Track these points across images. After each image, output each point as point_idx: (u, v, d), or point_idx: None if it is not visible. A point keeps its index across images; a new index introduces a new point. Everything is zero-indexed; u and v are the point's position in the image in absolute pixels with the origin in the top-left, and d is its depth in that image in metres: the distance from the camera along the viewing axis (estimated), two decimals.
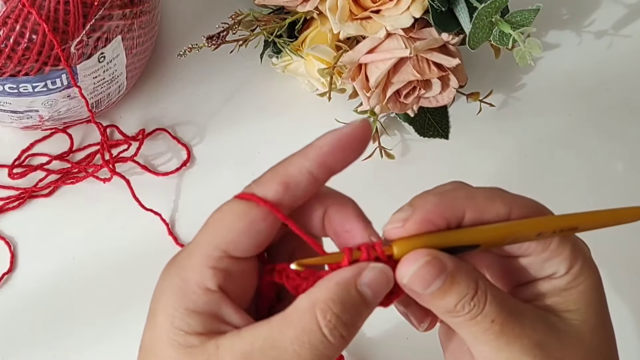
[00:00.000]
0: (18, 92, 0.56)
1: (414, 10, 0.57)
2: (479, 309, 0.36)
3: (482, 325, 0.36)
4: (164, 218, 0.62)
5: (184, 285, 0.36)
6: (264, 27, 0.60)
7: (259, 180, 0.38)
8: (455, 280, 0.36)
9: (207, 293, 0.35)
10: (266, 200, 0.36)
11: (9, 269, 0.60)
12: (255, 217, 0.36)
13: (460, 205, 0.37)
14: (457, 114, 0.65)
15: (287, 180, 0.37)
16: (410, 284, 0.36)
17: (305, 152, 0.38)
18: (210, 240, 0.36)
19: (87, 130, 0.65)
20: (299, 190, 0.37)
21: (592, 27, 0.71)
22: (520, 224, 0.37)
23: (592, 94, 0.69)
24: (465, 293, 0.36)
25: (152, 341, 0.36)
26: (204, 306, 0.35)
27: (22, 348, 0.58)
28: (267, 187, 0.37)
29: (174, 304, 0.35)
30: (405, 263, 0.36)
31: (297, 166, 0.37)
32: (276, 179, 0.37)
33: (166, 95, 0.67)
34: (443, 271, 0.36)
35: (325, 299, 0.34)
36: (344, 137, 0.37)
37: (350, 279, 0.35)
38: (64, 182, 0.63)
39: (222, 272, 0.36)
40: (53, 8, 0.52)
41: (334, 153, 0.37)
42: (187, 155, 0.64)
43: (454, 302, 0.36)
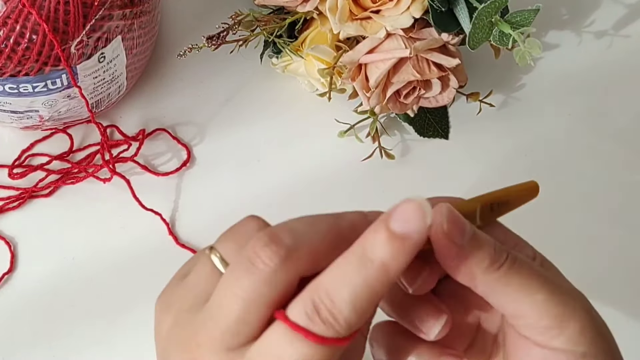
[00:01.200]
0: (18, 92, 0.56)
1: (413, 10, 0.57)
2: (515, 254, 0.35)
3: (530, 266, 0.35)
4: (164, 218, 0.62)
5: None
6: (264, 28, 0.60)
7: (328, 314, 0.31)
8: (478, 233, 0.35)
9: None
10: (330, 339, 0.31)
11: (9, 269, 0.60)
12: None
13: None
14: (457, 114, 0.65)
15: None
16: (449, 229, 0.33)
17: None
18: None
19: (87, 131, 0.65)
20: None
21: (592, 27, 0.71)
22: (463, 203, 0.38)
23: (592, 94, 0.69)
24: (494, 242, 0.35)
25: None
26: None
27: (22, 348, 0.58)
28: None
29: None
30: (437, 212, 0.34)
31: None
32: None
33: (166, 95, 0.67)
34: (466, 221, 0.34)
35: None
36: None
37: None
38: (64, 182, 0.63)
39: None
40: (53, 8, 0.52)
41: None
42: (187, 156, 0.64)
43: (492, 248, 0.34)
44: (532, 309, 0.35)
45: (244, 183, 0.64)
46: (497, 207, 0.38)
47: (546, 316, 0.35)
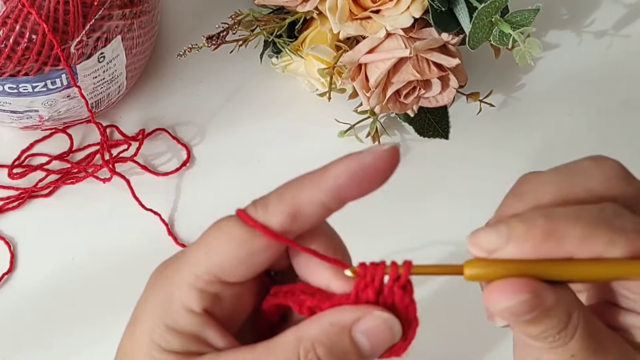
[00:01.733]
0: (18, 92, 0.56)
1: (413, 10, 0.57)
2: (563, 343, 0.33)
3: (560, 357, 0.33)
4: (164, 218, 0.62)
5: (168, 302, 0.33)
6: (264, 27, 0.60)
7: (265, 203, 0.33)
8: (549, 314, 0.32)
9: (190, 314, 0.33)
10: (272, 231, 0.33)
11: (9, 269, 0.60)
12: (256, 248, 0.33)
13: (567, 250, 0.31)
14: (457, 114, 0.65)
15: (296, 210, 0.33)
16: (499, 315, 0.32)
17: (319, 181, 0.33)
18: (202, 261, 0.33)
19: (87, 130, 0.65)
20: (307, 221, 0.33)
21: (592, 27, 0.70)
22: (633, 265, 0.32)
23: (592, 94, 0.69)
24: (554, 327, 0.32)
25: (131, 350, 0.34)
26: (186, 327, 0.33)
27: (22, 348, 0.58)
28: (273, 216, 0.33)
29: (155, 319, 0.33)
30: (498, 294, 0.31)
31: (308, 196, 0.33)
32: (284, 208, 0.33)
33: (166, 95, 0.67)
34: (538, 307, 0.31)
35: (313, 338, 0.31)
36: (365, 167, 0.32)
37: (346, 323, 0.32)
38: (64, 182, 0.63)
39: (211, 295, 0.33)
40: (53, 8, 0.52)
41: (351, 185, 0.33)
42: (187, 155, 0.64)
43: (539, 332, 0.32)
44: None
45: (244, 183, 0.64)
46: None
47: None
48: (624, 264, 0.31)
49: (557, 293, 0.32)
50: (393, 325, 0.32)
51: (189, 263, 0.34)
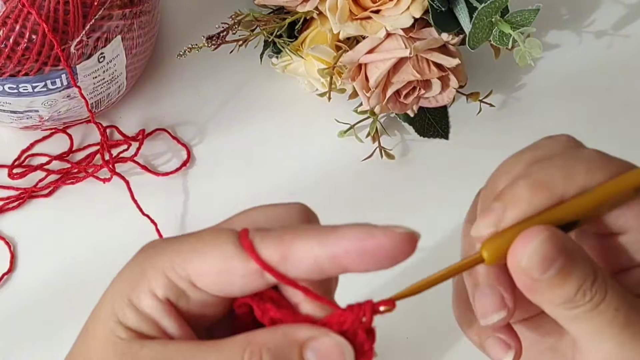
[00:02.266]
0: (18, 92, 0.56)
1: (413, 10, 0.57)
2: (601, 296, 0.32)
3: (606, 316, 0.32)
4: (162, 221, 0.61)
5: (138, 279, 0.33)
6: (264, 27, 0.60)
7: (265, 234, 0.32)
8: (575, 262, 0.32)
9: (152, 298, 0.33)
10: (260, 257, 0.31)
11: (8, 269, 0.60)
12: (235, 268, 0.32)
13: (558, 191, 0.33)
14: (457, 114, 0.65)
15: (288, 255, 0.31)
16: (529, 266, 0.32)
17: (324, 238, 0.31)
18: (185, 257, 0.32)
19: (87, 131, 0.65)
20: (294, 269, 0.31)
21: (592, 27, 0.70)
22: (615, 182, 0.33)
23: (592, 94, 0.69)
24: (587, 277, 0.32)
25: (95, 313, 0.35)
26: (145, 308, 0.33)
27: (22, 348, 0.58)
28: (267, 247, 0.32)
29: (122, 290, 0.34)
30: (522, 241, 0.32)
31: (306, 246, 0.31)
32: (278, 246, 0.31)
33: (166, 95, 0.67)
34: (564, 250, 0.32)
35: (262, 343, 0.31)
36: (376, 246, 0.30)
37: (300, 338, 0.31)
38: (64, 183, 0.63)
39: (178, 290, 0.33)
40: (53, 8, 0.52)
41: (355, 257, 0.31)
42: (187, 156, 0.64)
43: (574, 288, 0.32)
44: (598, 355, 0.34)
45: (244, 182, 0.64)
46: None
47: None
48: (609, 185, 0.33)
49: (574, 242, 0.32)
50: (346, 353, 0.31)
51: (173, 251, 0.33)
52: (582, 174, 0.33)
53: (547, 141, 0.37)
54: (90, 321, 0.35)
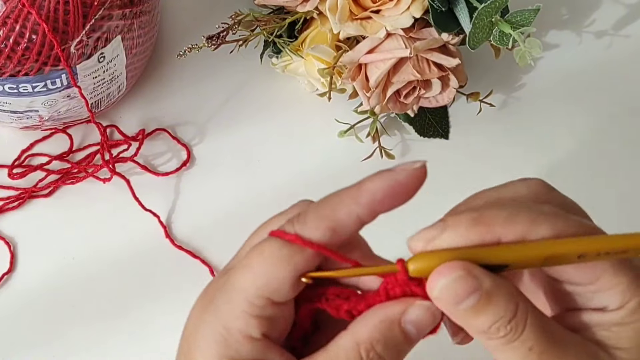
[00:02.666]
0: (18, 92, 0.56)
1: (414, 10, 0.57)
2: (516, 334, 0.34)
3: (519, 352, 0.34)
4: (164, 218, 0.62)
5: (227, 334, 0.34)
6: (264, 27, 0.60)
7: (303, 219, 0.35)
8: (492, 299, 0.33)
9: (251, 342, 0.34)
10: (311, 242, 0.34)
11: (8, 269, 0.60)
12: (301, 264, 0.34)
13: (496, 230, 0.34)
14: (457, 114, 0.65)
15: (335, 225, 0.35)
16: (440, 297, 0.33)
17: (357, 197, 0.35)
18: (251, 286, 0.34)
19: (87, 131, 0.65)
20: (345, 234, 0.35)
21: (592, 27, 0.70)
22: (559, 243, 0.33)
23: (592, 94, 0.69)
24: (502, 315, 0.33)
25: None
26: (249, 355, 0.34)
27: (22, 348, 0.58)
28: (313, 230, 0.34)
29: (214, 353, 0.34)
30: (437, 274, 0.33)
31: (346, 211, 0.35)
32: (323, 223, 0.35)
33: (166, 95, 0.67)
34: (477, 289, 0.33)
35: (370, 338, 0.34)
36: (398, 184, 0.35)
37: (395, 317, 0.34)
38: (64, 182, 0.63)
39: (266, 319, 0.34)
40: (53, 8, 0.52)
41: (385, 200, 0.35)
42: (187, 156, 0.64)
43: (488, 324, 0.33)
44: None
45: (244, 183, 0.64)
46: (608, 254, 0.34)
47: None
48: (549, 244, 0.33)
49: (496, 279, 0.34)
50: (434, 311, 0.34)
51: (239, 290, 0.34)
52: (524, 223, 0.34)
53: (517, 182, 0.38)
54: None
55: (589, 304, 0.36)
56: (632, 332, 0.35)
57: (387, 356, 0.34)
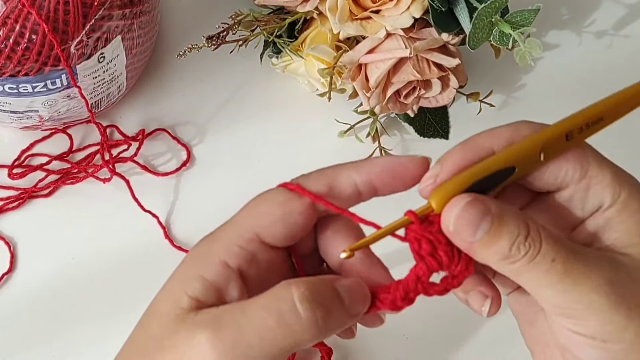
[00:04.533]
0: (18, 93, 0.56)
1: (414, 10, 0.57)
2: (536, 249, 0.35)
3: (543, 267, 0.35)
4: (163, 219, 0.62)
5: (207, 254, 0.37)
6: (264, 27, 0.60)
7: (307, 175, 0.39)
8: (503, 220, 0.35)
9: (223, 267, 0.36)
10: (310, 191, 0.37)
11: (8, 269, 0.60)
12: (294, 208, 0.37)
13: (486, 143, 0.37)
14: (457, 114, 0.65)
15: (333, 183, 0.38)
16: (456, 230, 0.35)
17: (358, 166, 0.38)
18: (245, 221, 0.37)
19: (87, 131, 0.65)
20: (340, 196, 0.38)
21: (592, 28, 0.70)
22: (547, 131, 0.36)
23: (592, 94, 0.68)
24: (517, 233, 0.35)
25: (160, 294, 0.38)
26: (214, 277, 0.36)
27: (22, 348, 0.58)
28: (312, 183, 0.38)
29: (189, 268, 0.37)
30: (447, 209, 0.35)
31: (346, 174, 0.38)
32: (323, 179, 0.38)
33: (166, 96, 0.67)
34: (487, 212, 0.35)
35: (304, 280, 0.35)
36: (398, 165, 0.38)
37: (330, 278, 0.36)
38: (64, 183, 0.63)
39: (248, 254, 0.37)
40: (53, 8, 0.52)
41: (384, 176, 0.37)
42: (187, 156, 0.64)
43: (507, 245, 0.35)
44: (546, 304, 0.36)
45: (244, 183, 0.64)
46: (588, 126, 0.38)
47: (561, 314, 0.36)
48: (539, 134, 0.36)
49: (499, 202, 0.35)
50: (362, 285, 0.36)
51: (233, 223, 0.38)
52: (507, 131, 0.37)
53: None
54: (155, 301, 0.38)
55: (587, 209, 0.37)
56: (635, 225, 0.36)
57: (319, 298, 0.35)
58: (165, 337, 0.36)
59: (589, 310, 0.35)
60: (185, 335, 0.35)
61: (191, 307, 0.36)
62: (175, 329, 0.35)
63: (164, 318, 0.36)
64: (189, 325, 0.35)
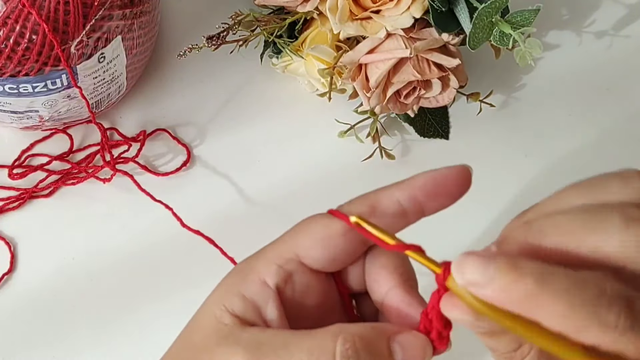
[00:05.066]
0: (18, 93, 0.56)
1: (414, 10, 0.57)
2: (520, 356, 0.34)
3: None
4: (159, 226, 0.61)
5: (247, 271, 0.37)
6: (264, 28, 0.60)
7: (351, 201, 0.38)
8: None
9: (262, 285, 0.37)
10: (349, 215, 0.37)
11: (9, 269, 0.60)
12: (335, 230, 0.37)
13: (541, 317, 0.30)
14: (457, 115, 0.65)
15: (375, 204, 0.37)
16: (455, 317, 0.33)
17: (400, 184, 0.38)
18: (287, 241, 0.38)
19: (87, 131, 0.65)
20: (385, 216, 0.37)
21: (592, 28, 0.70)
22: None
23: (592, 95, 0.69)
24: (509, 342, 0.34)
25: (201, 308, 0.38)
26: (253, 296, 0.37)
27: (22, 348, 0.58)
28: (355, 207, 0.37)
29: (230, 284, 0.38)
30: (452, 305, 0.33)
31: (387, 193, 0.38)
32: (365, 202, 0.38)
33: (166, 96, 0.67)
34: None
35: (354, 332, 0.34)
36: (440, 177, 0.37)
37: (388, 331, 0.35)
38: (64, 183, 0.63)
39: (286, 273, 0.37)
40: (53, 8, 0.52)
41: (427, 190, 0.37)
42: (188, 156, 0.64)
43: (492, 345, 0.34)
44: None
45: (244, 183, 0.64)
46: None
47: None
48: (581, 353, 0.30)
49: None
50: (426, 346, 0.35)
51: (276, 243, 0.38)
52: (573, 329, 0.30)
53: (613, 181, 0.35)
54: (196, 315, 0.38)
55: None
56: None
57: (364, 356, 0.34)
58: (205, 349, 0.36)
59: None
60: (226, 350, 0.35)
61: (234, 323, 0.36)
62: (217, 342, 0.36)
63: (206, 331, 0.37)
64: (231, 342, 0.35)
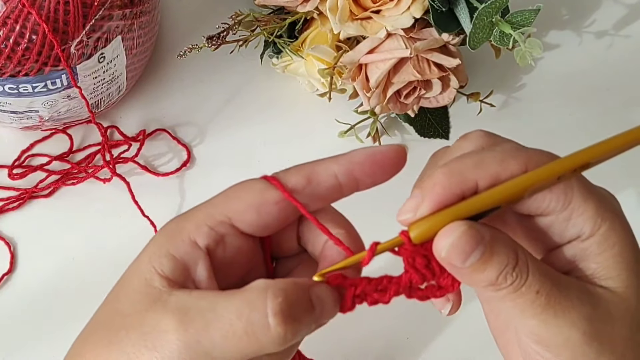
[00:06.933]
0: (18, 93, 0.56)
1: (414, 10, 0.57)
2: (522, 280, 0.35)
3: (527, 297, 0.35)
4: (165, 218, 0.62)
5: (176, 232, 0.37)
6: (264, 28, 0.60)
7: (287, 170, 0.39)
8: (494, 250, 0.35)
9: (191, 246, 0.36)
10: (285, 185, 0.37)
11: (9, 269, 0.60)
12: (269, 198, 0.37)
13: (470, 177, 0.35)
14: (457, 115, 0.65)
15: (311, 175, 0.38)
16: (448, 257, 0.35)
17: (337, 158, 0.38)
18: (219, 204, 0.37)
19: (87, 131, 0.65)
20: (320, 188, 0.38)
21: (592, 28, 0.71)
22: (536, 173, 0.36)
23: (592, 94, 0.69)
24: (506, 263, 0.35)
25: (129, 270, 0.38)
26: (184, 255, 0.36)
27: (22, 348, 0.58)
28: (291, 177, 0.38)
29: (159, 244, 0.37)
30: (442, 236, 0.35)
31: (324, 166, 0.38)
32: (301, 172, 0.38)
33: (166, 96, 0.67)
34: (481, 241, 0.35)
35: (281, 287, 0.34)
36: (379, 155, 0.38)
37: (307, 284, 0.36)
38: (64, 183, 0.63)
39: (217, 235, 0.37)
40: (53, 8, 0.52)
41: (364, 166, 0.38)
42: (188, 156, 0.64)
43: (495, 274, 0.35)
44: (523, 330, 0.36)
45: None
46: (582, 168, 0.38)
47: (536, 341, 0.36)
48: (532, 175, 0.35)
49: (493, 230, 0.35)
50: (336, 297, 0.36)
51: (207, 205, 0.38)
52: (494, 163, 0.36)
53: (461, 141, 0.40)
54: (124, 277, 0.38)
55: (565, 237, 0.37)
56: (613, 259, 0.36)
57: (293, 312, 0.34)
58: (133, 314, 0.36)
59: (565, 344, 0.35)
60: (154, 316, 0.35)
61: (162, 285, 0.36)
62: (145, 307, 0.35)
63: (134, 294, 0.36)
64: (159, 308, 0.35)
